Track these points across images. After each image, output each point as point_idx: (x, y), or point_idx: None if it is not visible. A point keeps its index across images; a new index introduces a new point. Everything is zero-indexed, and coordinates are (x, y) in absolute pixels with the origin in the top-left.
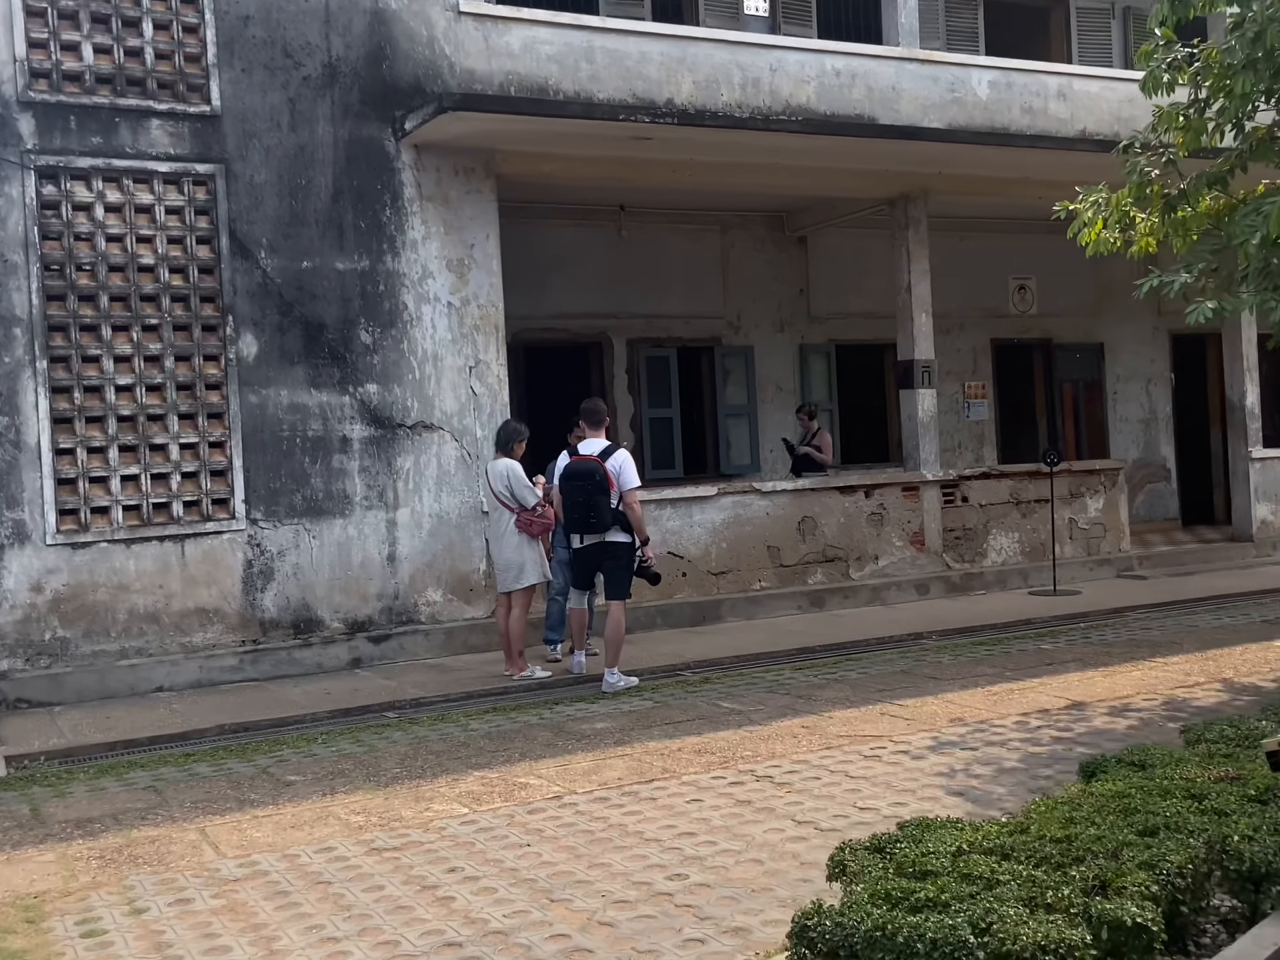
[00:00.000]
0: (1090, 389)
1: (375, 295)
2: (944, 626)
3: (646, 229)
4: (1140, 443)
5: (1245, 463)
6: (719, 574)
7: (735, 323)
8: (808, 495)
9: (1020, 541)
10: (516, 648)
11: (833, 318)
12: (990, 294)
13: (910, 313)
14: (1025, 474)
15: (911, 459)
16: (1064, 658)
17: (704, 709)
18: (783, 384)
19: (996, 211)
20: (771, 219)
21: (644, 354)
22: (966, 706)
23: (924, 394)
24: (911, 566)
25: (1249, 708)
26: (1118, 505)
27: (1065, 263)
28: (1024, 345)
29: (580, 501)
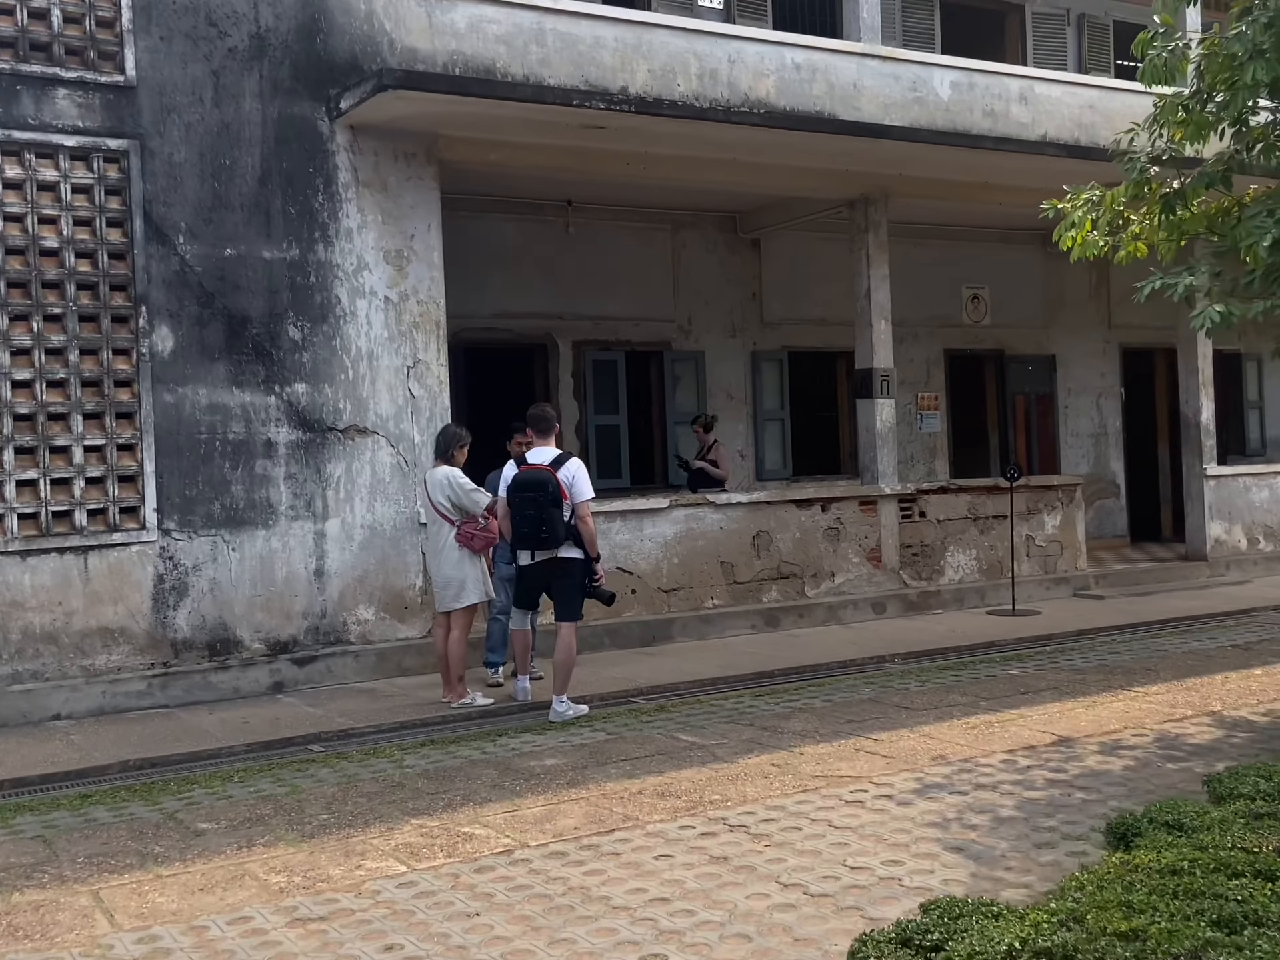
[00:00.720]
0: (1042, 402)
1: (305, 287)
2: (906, 649)
3: (595, 226)
4: (1090, 458)
5: (1200, 480)
6: (670, 591)
7: (686, 327)
8: (763, 509)
9: (978, 559)
10: (456, 672)
11: (786, 323)
12: (944, 303)
13: (869, 319)
14: (984, 489)
15: (869, 472)
16: (1037, 685)
17: (662, 742)
18: (734, 391)
19: (952, 219)
20: (724, 220)
21: (591, 357)
22: (946, 742)
23: (883, 404)
24: (868, 584)
25: (1247, 745)
26: (1075, 522)
27: (1018, 273)
28: (977, 356)
29: (531, 515)
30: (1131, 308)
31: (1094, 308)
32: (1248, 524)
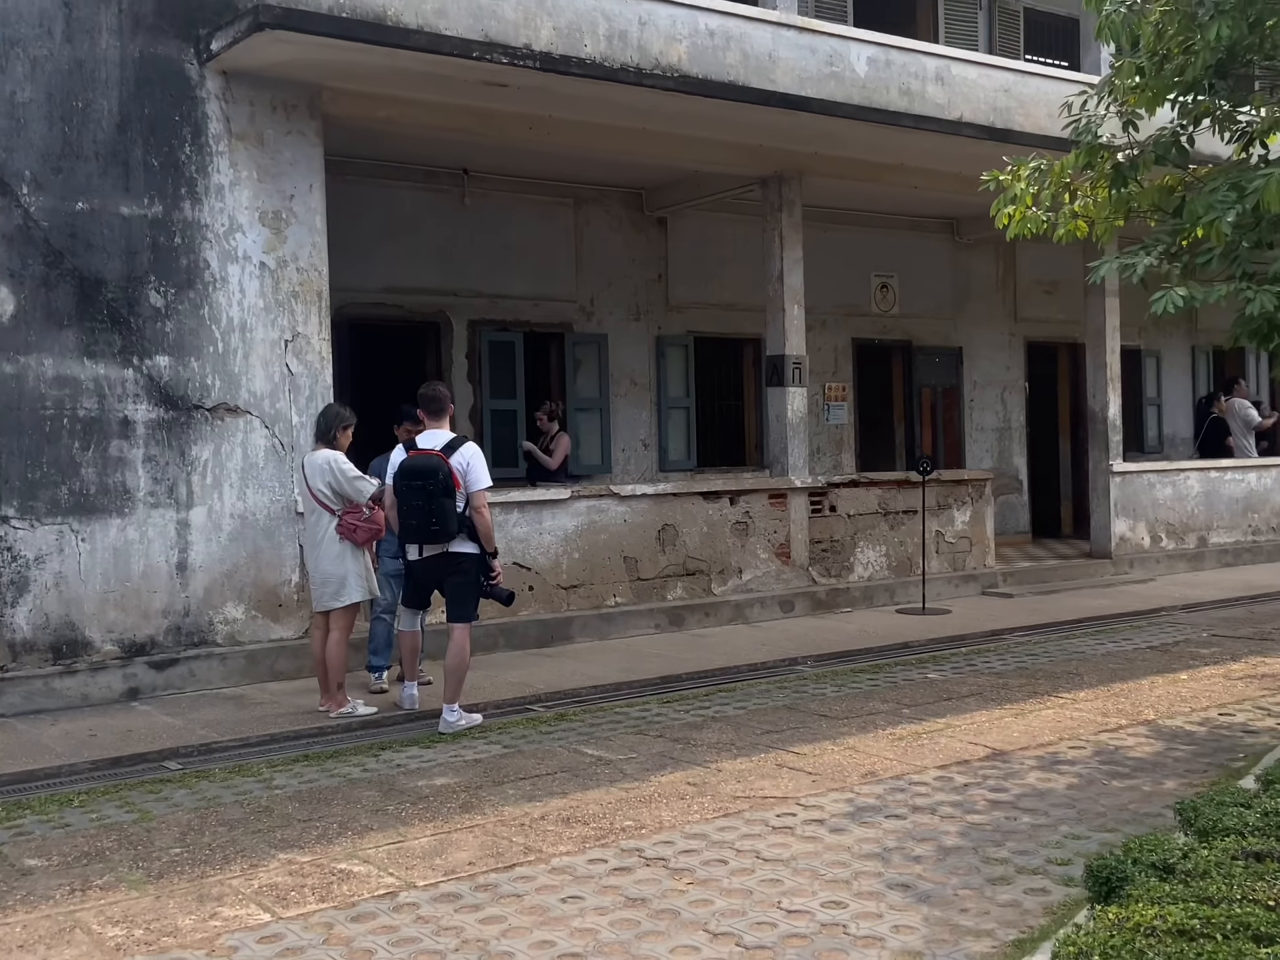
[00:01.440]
0: (948, 395)
1: (170, 249)
2: (819, 651)
3: (493, 198)
4: (995, 452)
5: (1106, 476)
6: (570, 588)
7: (588, 308)
8: (669, 501)
9: (888, 555)
10: (335, 678)
11: (692, 307)
12: (853, 291)
13: (781, 303)
14: (894, 483)
15: (778, 463)
16: (960, 690)
17: (565, 757)
18: (638, 377)
19: (863, 203)
20: (630, 196)
21: (487, 338)
22: (874, 756)
23: (794, 392)
24: (776, 581)
25: (1192, 760)
26: (984, 518)
27: (927, 262)
28: (884, 346)
29: (420, 505)
30: (1037, 301)
31: (1000, 300)
32: (1151, 521)
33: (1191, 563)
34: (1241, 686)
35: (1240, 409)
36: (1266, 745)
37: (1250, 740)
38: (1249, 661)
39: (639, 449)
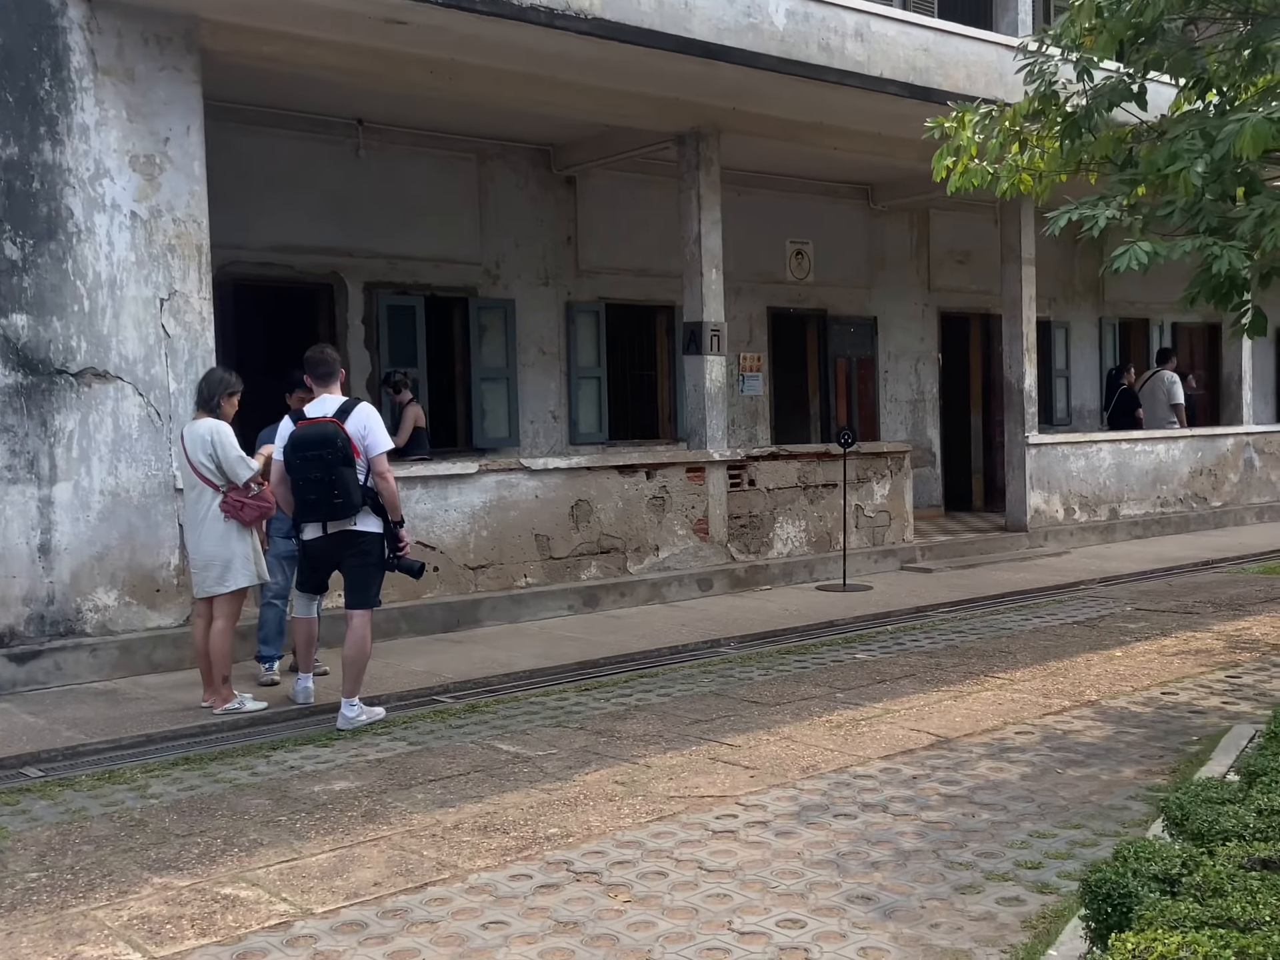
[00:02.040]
0: (863, 366)
1: (27, 195)
2: (742, 632)
3: (391, 151)
4: (908, 424)
5: (1022, 448)
6: (479, 568)
7: (494, 271)
8: (583, 475)
9: (807, 531)
10: (220, 671)
11: (603, 272)
12: (767, 258)
13: (700, 267)
14: (814, 455)
15: (696, 436)
16: (892, 672)
17: (478, 755)
18: (547, 345)
19: (777, 167)
20: (537, 153)
21: (385, 302)
22: (813, 747)
23: (713, 361)
24: (694, 558)
25: (1145, 744)
26: (903, 492)
27: (842, 229)
28: (799, 316)
29: (319, 478)
30: (950, 270)
31: (914, 269)
32: (1065, 494)
33: (1103, 535)
34: (1178, 663)
35: (1168, 383)
36: (1217, 726)
37: (1199, 721)
38: (1179, 637)
39: (548, 421)
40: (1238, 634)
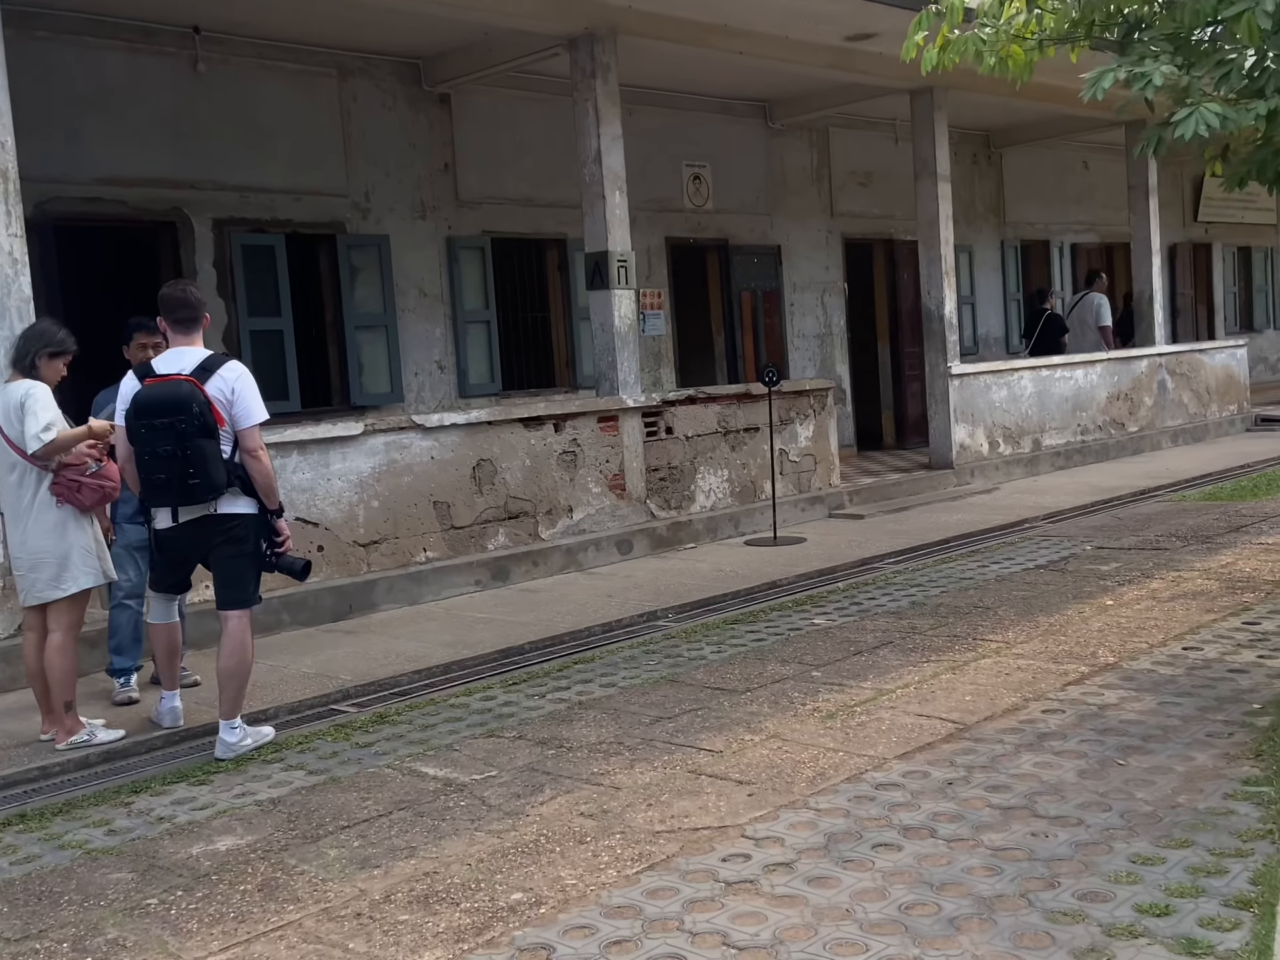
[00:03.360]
0: (768, 299)
1: None
2: (678, 600)
3: (235, 65)
4: (817, 360)
5: (944, 380)
6: (370, 544)
7: (363, 204)
8: (485, 431)
9: (730, 480)
10: (61, 695)
11: (487, 202)
12: (664, 183)
13: (601, 190)
14: (735, 397)
15: (607, 381)
16: (865, 640)
17: (399, 785)
18: (428, 287)
19: (671, 82)
20: (405, 67)
21: (239, 242)
22: (809, 747)
23: (621, 295)
24: (611, 518)
25: (1200, 718)
26: (828, 433)
27: (740, 151)
28: (700, 246)
29: (169, 452)
30: (852, 193)
31: (816, 193)
32: (989, 426)
33: (1028, 467)
34: (1181, 611)
35: (1096, 305)
36: (1269, 687)
37: (1245, 682)
38: (1164, 578)
39: (434, 372)
40: (1225, 571)
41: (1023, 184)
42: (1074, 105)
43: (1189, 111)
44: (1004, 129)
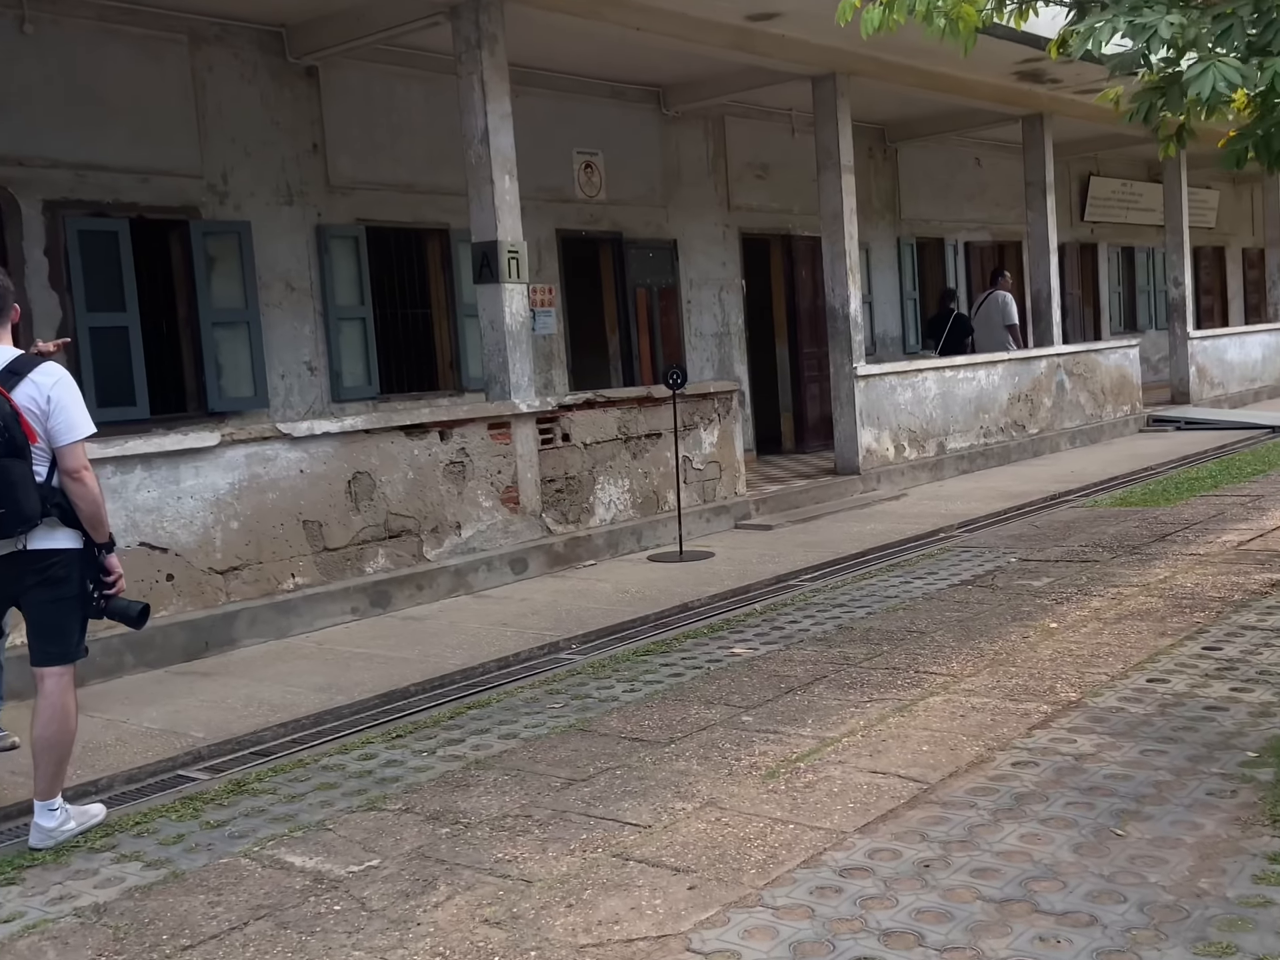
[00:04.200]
0: (665, 296)
1: None
2: (581, 628)
3: (69, 26)
4: (715, 360)
5: (850, 381)
6: (230, 571)
7: (220, 187)
8: (362, 441)
9: (631, 491)
10: None
11: (361, 188)
12: (554, 171)
13: (489, 173)
14: (636, 401)
15: (497, 384)
16: (795, 674)
17: (258, 881)
18: (296, 280)
19: (558, 61)
20: (267, 35)
21: (76, 227)
22: (753, 817)
23: (513, 290)
24: (504, 535)
25: (1191, 768)
26: (733, 438)
27: (634, 138)
28: (593, 239)
29: None
30: (749, 186)
31: (712, 184)
32: (895, 429)
33: (933, 472)
34: (1132, 634)
35: (1002, 303)
36: (1255, 727)
37: (1227, 723)
38: (1103, 596)
39: (304, 374)
40: (1166, 587)
41: (918, 180)
42: (973, 97)
43: (1203, 67)
44: (900, 122)
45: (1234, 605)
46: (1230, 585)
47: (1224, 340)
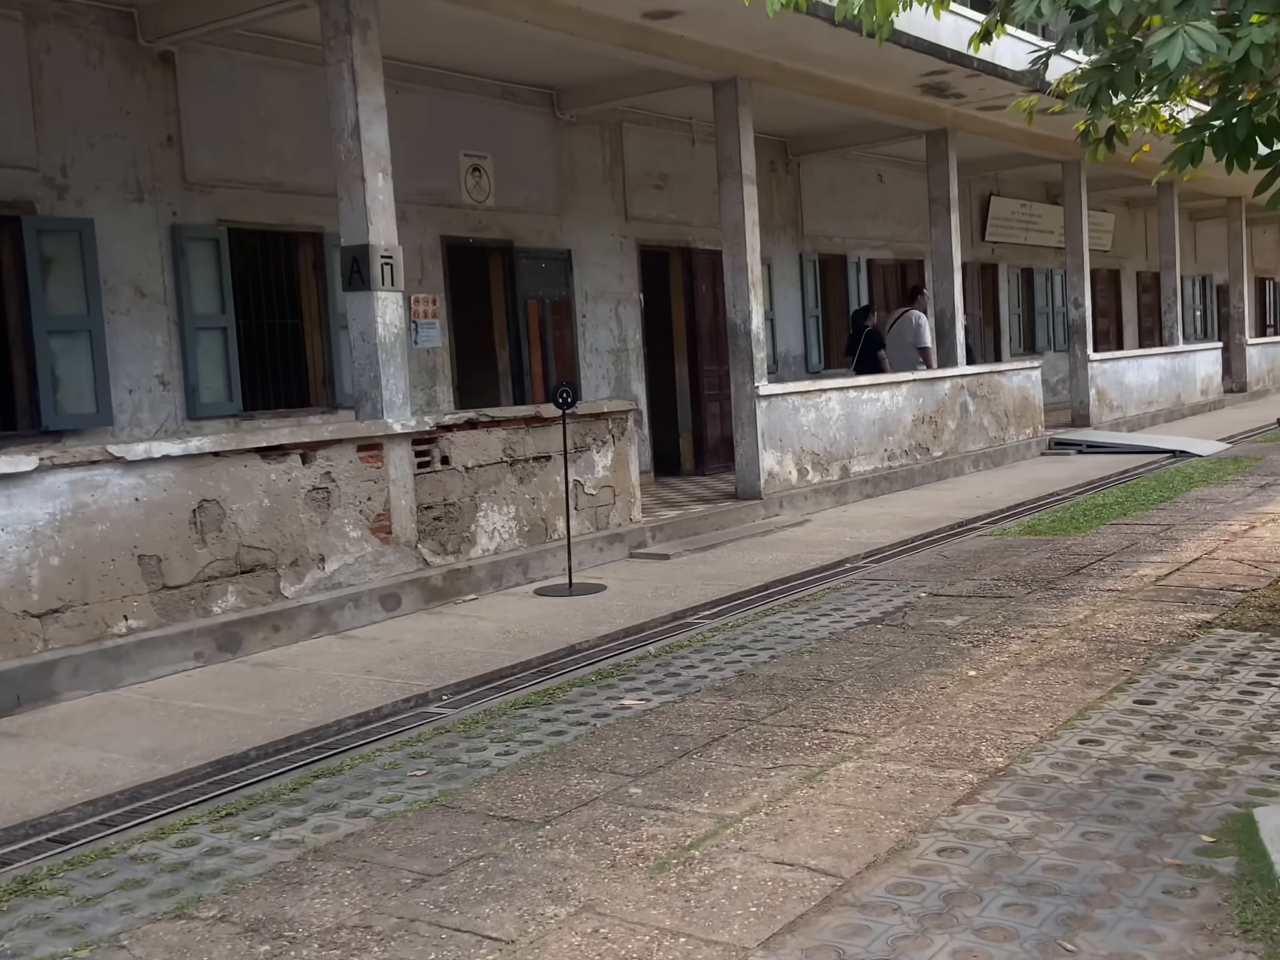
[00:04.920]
0: (558, 309)
1: None
2: (455, 676)
3: None
4: (611, 378)
5: (752, 401)
6: (48, 614)
7: (59, 180)
8: (209, 464)
9: (518, 518)
10: None
11: (222, 185)
12: (439, 173)
13: (360, 171)
14: (523, 421)
15: (369, 401)
16: (691, 732)
17: None
18: (147, 285)
19: (444, 56)
20: (115, 16)
21: None
22: (639, 928)
23: (386, 299)
24: (375, 568)
25: (1141, 855)
26: (628, 460)
27: (525, 141)
28: (481, 247)
29: None
30: (648, 196)
31: (609, 193)
32: (798, 452)
33: (836, 496)
34: (1058, 685)
35: (915, 323)
36: (1203, 800)
37: (1175, 797)
38: (1021, 638)
39: (155, 389)
40: (1087, 628)
41: (820, 195)
42: (877, 109)
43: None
44: (802, 135)
45: (1161, 650)
46: (1154, 626)
47: (1123, 363)
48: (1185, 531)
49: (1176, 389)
